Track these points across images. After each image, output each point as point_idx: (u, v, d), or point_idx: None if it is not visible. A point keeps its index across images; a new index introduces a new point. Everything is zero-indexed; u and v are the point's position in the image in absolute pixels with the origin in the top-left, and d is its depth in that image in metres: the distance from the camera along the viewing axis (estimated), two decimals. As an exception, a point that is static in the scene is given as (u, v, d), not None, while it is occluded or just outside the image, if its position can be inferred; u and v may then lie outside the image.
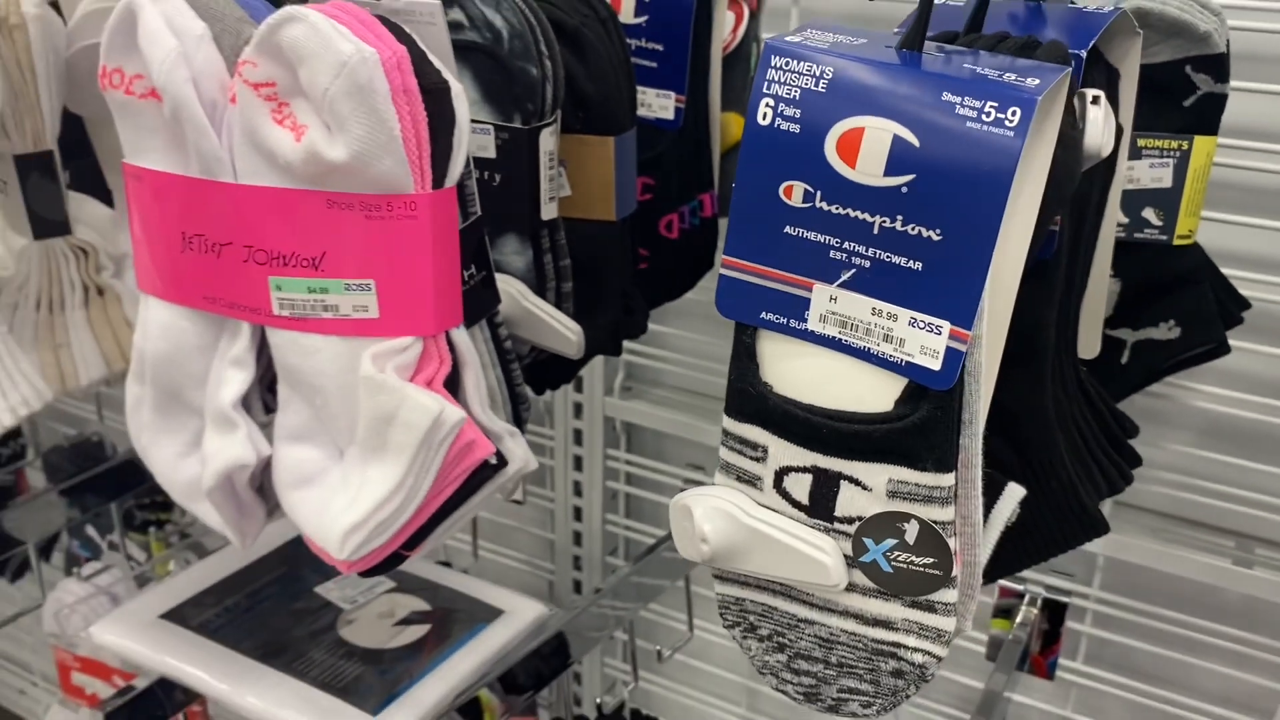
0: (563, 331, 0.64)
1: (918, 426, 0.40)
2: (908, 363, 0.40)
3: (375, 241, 0.48)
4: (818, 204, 0.40)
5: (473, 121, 0.61)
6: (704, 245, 0.80)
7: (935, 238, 0.38)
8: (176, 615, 0.83)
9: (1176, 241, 0.71)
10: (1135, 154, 0.69)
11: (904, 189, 0.38)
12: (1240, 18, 0.71)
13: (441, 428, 0.49)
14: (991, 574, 0.56)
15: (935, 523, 0.41)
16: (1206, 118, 0.68)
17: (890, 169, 0.38)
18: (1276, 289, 0.76)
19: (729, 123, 0.79)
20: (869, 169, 0.38)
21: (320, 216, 0.48)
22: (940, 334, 0.39)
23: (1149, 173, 0.70)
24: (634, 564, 0.98)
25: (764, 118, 0.40)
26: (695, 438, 1.02)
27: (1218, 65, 0.66)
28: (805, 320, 0.41)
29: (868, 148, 0.38)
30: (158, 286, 0.54)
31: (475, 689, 0.79)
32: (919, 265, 0.39)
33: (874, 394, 0.41)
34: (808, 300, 0.41)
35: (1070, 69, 0.40)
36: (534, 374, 0.72)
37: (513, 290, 0.63)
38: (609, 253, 0.70)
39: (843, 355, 0.41)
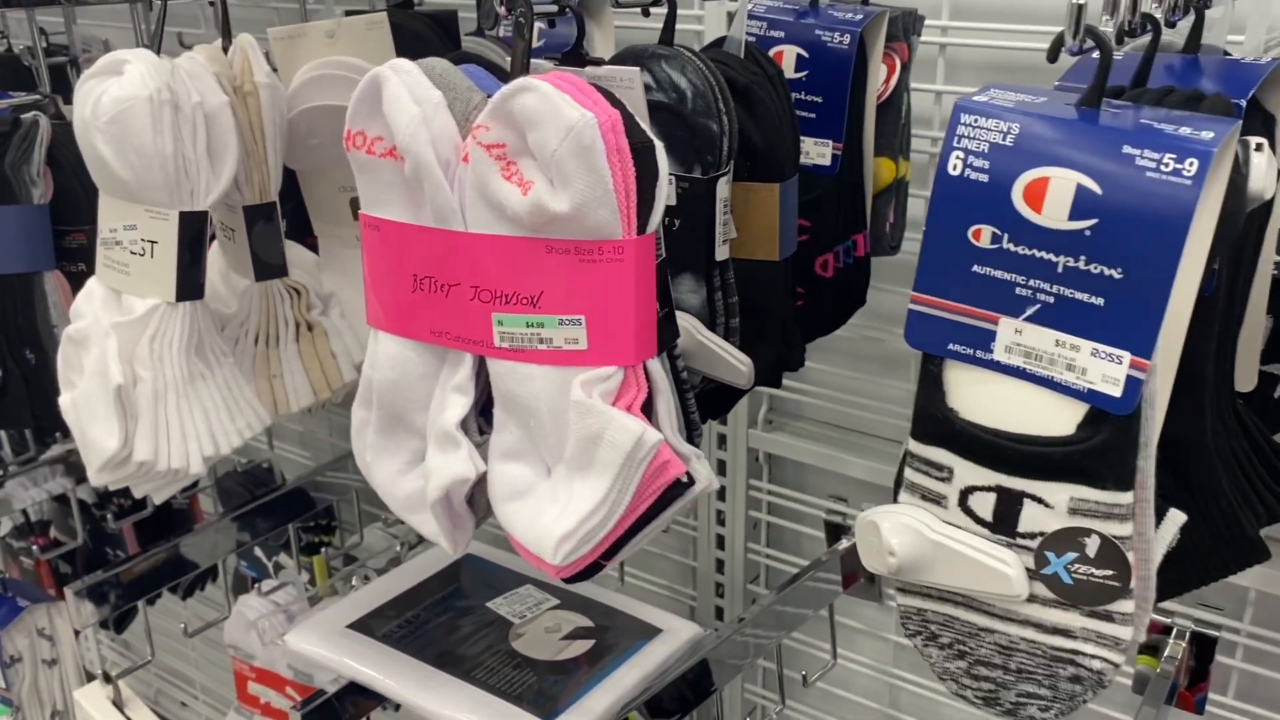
0: (734, 364, 0.69)
1: (1099, 449, 0.44)
2: (1090, 390, 0.44)
3: (586, 282, 0.54)
4: (1004, 245, 0.44)
5: (659, 173, 0.67)
6: (857, 283, 0.84)
7: (1117, 276, 0.42)
8: (362, 626, 0.90)
9: (1333, 279, 0.72)
10: (1290, 193, 0.71)
11: (1087, 232, 0.42)
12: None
13: (642, 447, 0.54)
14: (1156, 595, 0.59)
15: (1115, 537, 0.45)
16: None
17: (1075, 214, 0.42)
18: None
19: (881, 167, 0.84)
20: (1054, 214, 0.43)
21: (540, 260, 0.55)
22: (1121, 363, 0.43)
23: (1304, 212, 0.72)
24: (777, 593, 1.01)
25: (954, 169, 0.44)
26: (836, 469, 1.06)
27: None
28: (991, 351, 0.46)
29: (1053, 195, 0.42)
30: (387, 322, 0.61)
31: (638, 702, 0.84)
32: (1101, 301, 0.43)
33: (1056, 418, 0.45)
34: (993, 333, 0.46)
35: (1239, 121, 0.43)
36: (701, 403, 0.77)
37: (689, 325, 0.69)
38: (772, 290, 0.75)
39: (1026, 383, 0.45)
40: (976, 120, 0.44)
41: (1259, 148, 0.50)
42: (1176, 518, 0.56)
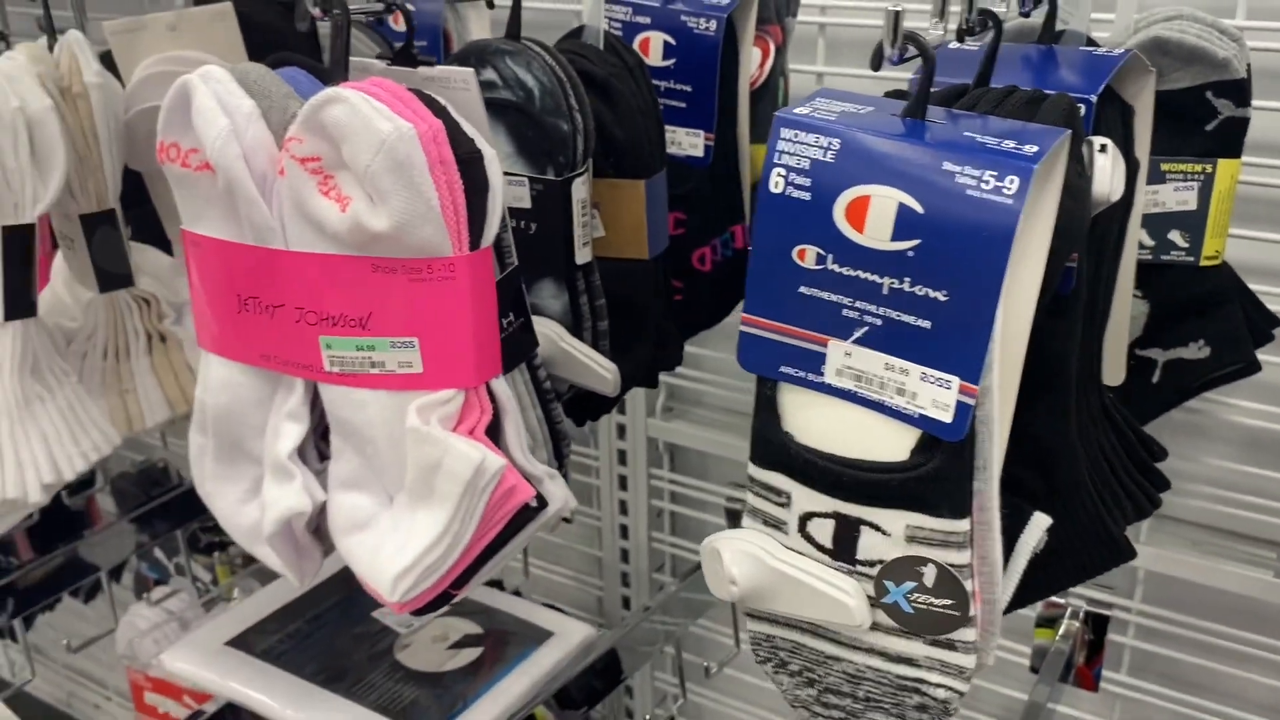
0: (599, 371, 0.66)
1: (932, 475, 0.42)
2: (920, 415, 0.42)
3: (418, 302, 0.51)
4: (829, 266, 0.42)
5: (508, 175, 0.64)
6: (736, 275, 0.82)
7: (942, 299, 0.40)
8: (241, 642, 0.87)
9: (1203, 262, 0.71)
10: (1159, 178, 0.70)
11: (910, 253, 0.40)
12: (1261, 39, 0.71)
13: (484, 475, 0.51)
14: (1022, 599, 0.57)
15: (952, 566, 0.43)
16: (1229, 141, 0.69)
17: (897, 234, 0.40)
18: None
19: (758, 155, 0.81)
20: (876, 234, 0.40)
21: (366, 280, 0.51)
22: (950, 388, 0.41)
23: (1174, 196, 0.71)
24: (682, 580, 1.00)
25: (776, 186, 0.42)
26: (737, 456, 1.04)
27: (1238, 90, 0.67)
28: (822, 374, 0.44)
29: (874, 214, 0.40)
30: (216, 344, 0.57)
31: (527, 709, 0.82)
32: (928, 324, 0.41)
33: (890, 444, 0.43)
34: (824, 355, 0.43)
35: (1069, 133, 0.41)
36: (576, 406, 0.75)
37: (550, 333, 0.66)
38: (642, 290, 0.72)
39: (859, 407, 0.43)
40: (797, 135, 0.41)
41: (1103, 149, 0.48)
42: (1041, 521, 0.54)
